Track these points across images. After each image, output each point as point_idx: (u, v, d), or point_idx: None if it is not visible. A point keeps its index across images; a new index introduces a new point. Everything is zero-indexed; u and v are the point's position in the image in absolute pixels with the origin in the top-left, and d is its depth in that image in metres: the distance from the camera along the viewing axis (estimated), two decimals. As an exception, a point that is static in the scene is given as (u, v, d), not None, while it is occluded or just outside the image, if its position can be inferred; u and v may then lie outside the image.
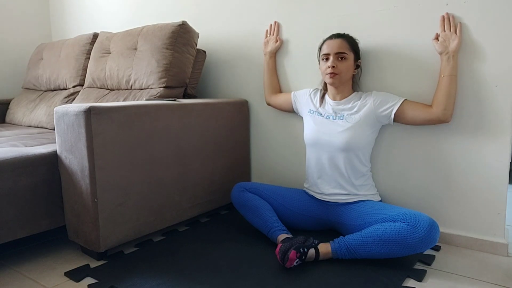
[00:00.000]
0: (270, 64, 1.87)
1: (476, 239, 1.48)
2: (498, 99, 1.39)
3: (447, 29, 1.43)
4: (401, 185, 1.62)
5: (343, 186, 1.53)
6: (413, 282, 1.24)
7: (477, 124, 1.44)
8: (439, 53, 1.44)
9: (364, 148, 1.53)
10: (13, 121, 2.51)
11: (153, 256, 1.44)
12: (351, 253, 1.34)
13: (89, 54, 2.30)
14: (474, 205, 1.48)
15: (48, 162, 1.43)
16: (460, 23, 1.41)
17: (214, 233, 1.65)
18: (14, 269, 1.37)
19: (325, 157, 1.55)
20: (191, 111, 1.67)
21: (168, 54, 1.81)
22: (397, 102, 1.48)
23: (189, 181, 1.68)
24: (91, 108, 1.30)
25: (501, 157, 1.41)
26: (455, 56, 1.40)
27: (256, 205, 1.56)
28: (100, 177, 1.34)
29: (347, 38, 1.54)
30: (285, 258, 1.29)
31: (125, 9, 2.55)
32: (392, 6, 1.55)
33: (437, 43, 1.44)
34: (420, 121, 1.47)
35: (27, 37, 3.00)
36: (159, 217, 1.57)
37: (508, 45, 1.36)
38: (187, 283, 1.24)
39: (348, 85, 1.57)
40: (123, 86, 1.96)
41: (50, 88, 2.49)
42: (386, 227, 1.29)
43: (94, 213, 1.35)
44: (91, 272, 1.32)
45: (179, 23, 1.85)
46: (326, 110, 1.60)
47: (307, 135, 1.62)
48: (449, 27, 1.43)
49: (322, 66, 1.56)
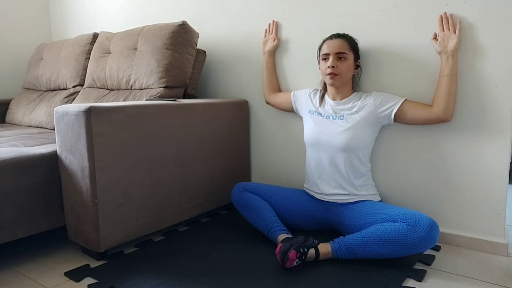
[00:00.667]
0: (269, 63, 1.87)
1: (476, 239, 1.48)
2: (498, 99, 1.39)
3: (446, 29, 1.43)
4: (401, 185, 1.62)
5: (343, 186, 1.53)
6: (413, 282, 1.24)
7: (477, 124, 1.44)
8: (438, 52, 1.45)
9: (364, 148, 1.53)
10: (13, 121, 2.51)
11: (153, 256, 1.44)
12: (351, 253, 1.34)
13: (89, 54, 2.30)
14: (474, 205, 1.48)
15: (48, 162, 1.43)
16: (459, 22, 1.41)
17: (214, 233, 1.65)
18: (14, 269, 1.37)
19: (325, 157, 1.55)
20: (191, 111, 1.67)
21: (168, 54, 1.81)
22: (397, 102, 1.48)
23: (189, 181, 1.68)
24: (91, 108, 1.30)
25: (501, 157, 1.41)
26: (454, 55, 1.41)
27: (256, 205, 1.56)
28: (100, 177, 1.34)
29: (347, 38, 1.54)
30: (285, 258, 1.29)
31: (125, 10, 2.56)
32: (392, 6, 1.55)
33: (436, 43, 1.44)
34: (420, 121, 1.47)
35: (27, 37, 3.00)
36: (159, 217, 1.57)
37: (508, 45, 1.36)
38: (187, 283, 1.24)
39: (348, 85, 1.57)
40: (123, 86, 1.96)
41: (50, 88, 2.49)
42: (386, 227, 1.29)
43: (94, 213, 1.35)
44: (91, 272, 1.32)
45: (179, 23, 1.85)
46: (326, 110, 1.60)
47: (307, 135, 1.62)
48: (448, 27, 1.43)
49: (322, 67, 1.56)
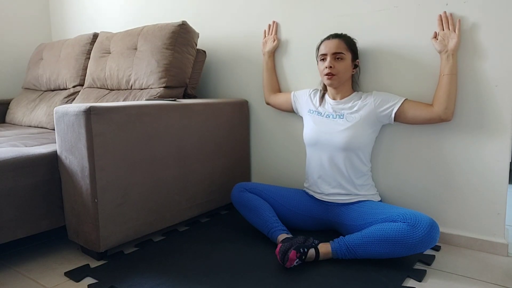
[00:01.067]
0: (269, 64, 1.87)
1: (476, 239, 1.48)
2: (498, 99, 1.39)
3: (445, 28, 1.43)
4: (401, 185, 1.62)
5: (343, 185, 1.53)
6: (413, 282, 1.24)
7: (477, 124, 1.44)
8: (438, 51, 1.44)
9: (364, 147, 1.53)
10: (13, 121, 2.51)
11: (153, 256, 1.44)
12: (351, 253, 1.34)
13: (89, 54, 2.30)
14: (474, 205, 1.48)
15: (48, 162, 1.43)
16: (459, 21, 1.41)
17: (214, 233, 1.65)
18: (14, 269, 1.37)
19: (325, 157, 1.55)
20: (191, 111, 1.67)
21: (168, 54, 1.81)
22: (397, 102, 1.48)
23: (189, 181, 1.68)
24: (91, 108, 1.30)
25: (501, 157, 1.41)
26: (454, 54, 1.41)
27: (256, 205, 1.56)
28: (100, 177, 1.34)
29: (344, 38, 1.53)
30: (285, 258, 1.29)
31: (125, 10, 2.56)
32: (392, 6, 1.55)
33: (436, 42, 1.44)
34: (421, 121, 1.47)
35: (27, 37, 3.00)
36: (159, 217, 1.57)
37: (508, 45, 1.36)
38: (187, 283, 1.24)
39: (347, 85, 1.57)
40: (123, 86, 1.96)
41: (50, 88, 2.49)
42: (386, 227, 1.29)
43: (94, 213, 1.35)
44: (91, 272, 1.32)
45: (179, 23, 1.85)
46: (325, 109, 1.60)
47: (307, 135, 1.62)
48: (448, 26, 1.43)
49: (320, 67, 1.56)
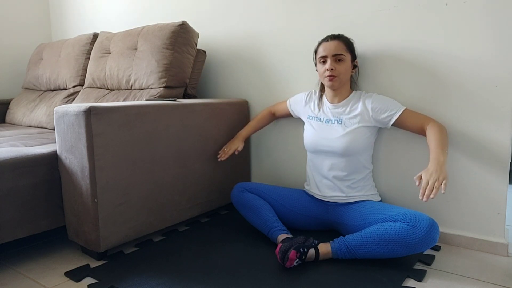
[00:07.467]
0: (254, 125, 1.87)
1: (476, 239, 1.48)
2: (498, 99, 1.39)
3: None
4: (401, 185, 1.62)
5: (343, 190, 1.53)
6: (413, 282, 1.24)
7: (477, 124, 1.44)
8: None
9: (364, 151, 1.53)
10: (13, 121, 2.51)
11: (153, 256, 1.44)
12: (351, 253, 1.34)
13: (89, 54, 2.30)
14: (474, 205, 1.48)
15: (48, 162, 1.43)
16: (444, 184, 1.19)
17: (214, 233, 1.65)
18: (14, 269, 1.37)
19: (326, 162, 1.54)
20: (191, 111, 1.67)
21: (168, 54, 1.81)
22: (396, 112, 1.47)
23: (189, 181, 1.68)
24: (91, 108, 1.30)
25: (501, 157, 1.41)
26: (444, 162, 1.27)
27: (256, 205, 1.56)
28: (100, 177, 1.34)
29: (343, 39, 1.52)
30: (285, 258, 1.29)
31: (125, 10, 2.55)
32: (392, 6, 1.55)
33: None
34: (416, 132, 1.47)
35: (27, 37, 3.00)
36: (159, 217, 1.57)
37: (508, 45, 1.36)
38: (187, 283, 1.24)
39: (346, 86, 1.57)
40: (123, 86, 1.96)
41: (50, 88, 2.49)
42: (386, 227, 1.29)
43: (94, 213, 1.35)
44: (91, 272, 1.32)
45: (179, 23, 1.85)
46: (325, 114, 1.59)
47: (307, 140, 1.61)
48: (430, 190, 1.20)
49: (320, 69, 1.55)
